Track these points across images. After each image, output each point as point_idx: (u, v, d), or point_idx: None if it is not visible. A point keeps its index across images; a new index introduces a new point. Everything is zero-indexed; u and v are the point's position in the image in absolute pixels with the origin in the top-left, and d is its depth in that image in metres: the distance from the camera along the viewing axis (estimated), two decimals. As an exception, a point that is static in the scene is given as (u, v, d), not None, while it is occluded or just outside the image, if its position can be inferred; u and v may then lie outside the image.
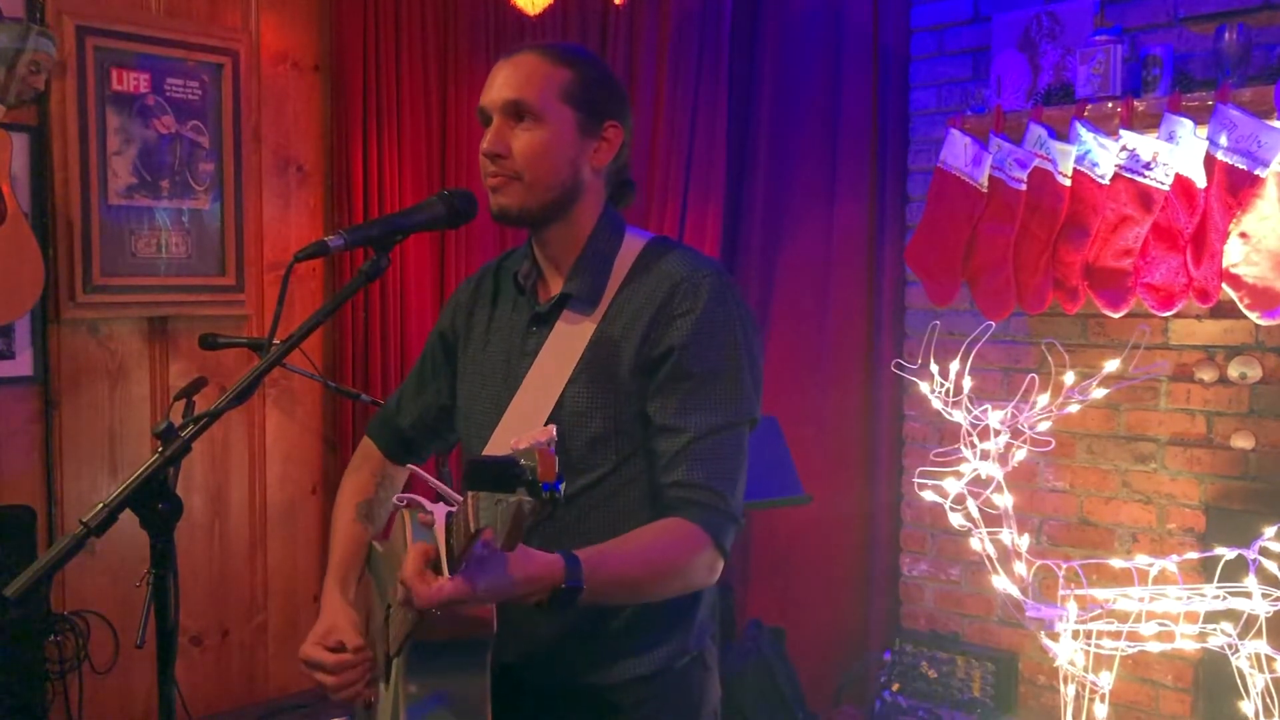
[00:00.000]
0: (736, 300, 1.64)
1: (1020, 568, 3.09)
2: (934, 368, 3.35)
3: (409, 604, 1.37)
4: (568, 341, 1.64)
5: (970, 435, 3.17)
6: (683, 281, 1.61)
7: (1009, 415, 3.14)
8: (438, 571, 1.34)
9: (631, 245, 1.69)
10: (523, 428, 1.61)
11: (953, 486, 3.17)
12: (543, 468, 1.16)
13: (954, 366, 3.28)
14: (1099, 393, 3.17)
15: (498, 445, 1.65)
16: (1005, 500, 3.10)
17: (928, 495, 3.24)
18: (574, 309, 1.66)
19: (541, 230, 1.67)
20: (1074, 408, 3.20)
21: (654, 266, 1.65)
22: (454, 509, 1.33)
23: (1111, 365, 3.19)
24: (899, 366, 3.60)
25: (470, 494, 1.22)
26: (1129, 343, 3.31)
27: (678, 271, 1.63)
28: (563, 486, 1.16)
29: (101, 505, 1.32)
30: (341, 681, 1.63)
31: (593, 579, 1.42)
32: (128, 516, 1.35)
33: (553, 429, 1.20)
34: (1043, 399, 3.14)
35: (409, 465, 1.93)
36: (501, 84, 1.61)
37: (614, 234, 1.69)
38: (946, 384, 3.28)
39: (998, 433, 3.13)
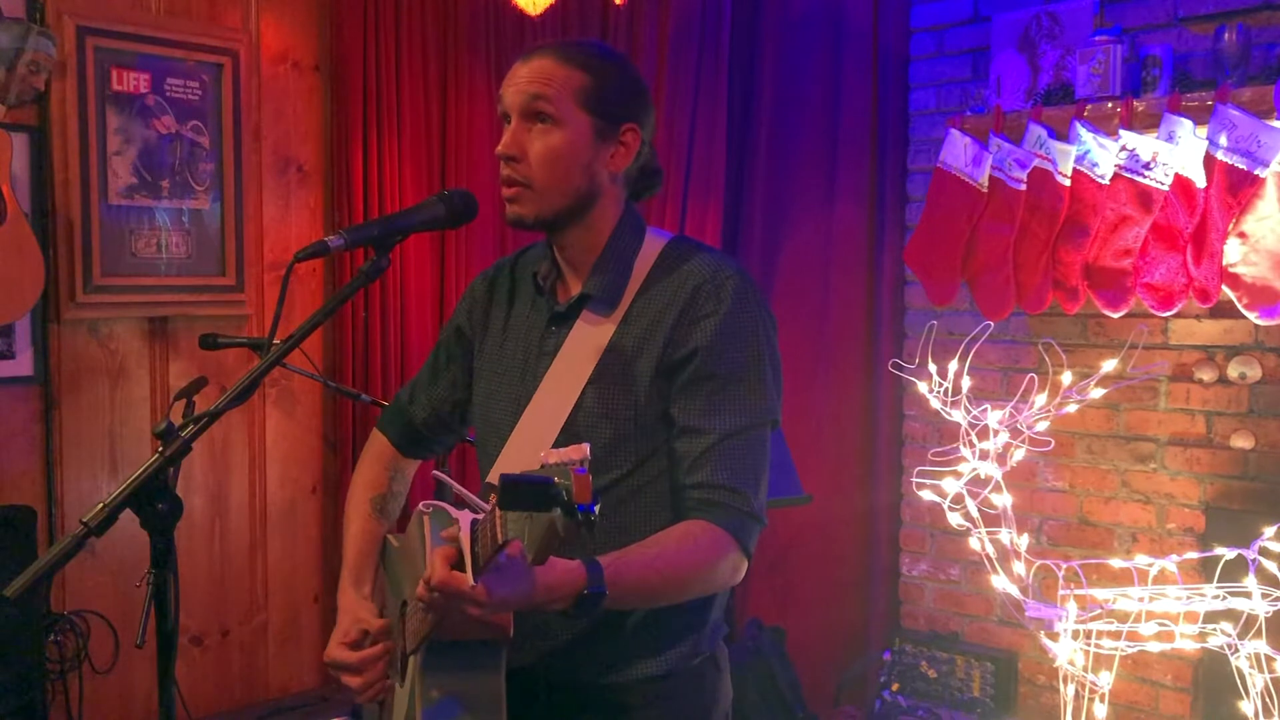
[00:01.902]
0: (759, 301, 1.63)
1: (1020, 567, 3.09)
2: (932, 367, 3.35)
3: (431, 606, 1.38)
4: (587, 342, 1.63)
5: (969, 435, 3.17)
6: (706, 283, 1.60)
7: (1008, 415, 3.15)
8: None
9: (652, 246, 1.68)
10: (541, 428, 1.61)
11: (952, 486, 3.17)
12: (578, 488, 1.15)
13: (953, 366, 3.28)
14: (1098, 392, 3.17)
15: (515, 445, 1.65)
16: (1004, 500, 3.10)
17: (926, 495, 3.25)
18: (593, 310, 1.64)
19: (559, 233, 1.66)
20: (1073, 407, 3.20)
21: (676, 267, 1.64)
22: (479, 516, 1.33)
23: (1110, 365, 3.19)
24: (898, 366, 3.60)
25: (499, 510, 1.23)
26: (1128, 343, 3.31)
27: (700, 272, 1.62)
28: (597, 508, 1.16)
29: (101, 505, 1.32)
30: (367, 680, 1.64)
31: (615, 583, 1.41)
32: (128, 516, 1.35)
33: (585, 447, 1.19)
34: (1042, 399, 3.15)
35: (420, 459, 1.94)
36: (519, 85, 1.60)
37: (634, 235, 1.67)
38: (945, 384, 3.29)
39: (996, 432, 3.14)
